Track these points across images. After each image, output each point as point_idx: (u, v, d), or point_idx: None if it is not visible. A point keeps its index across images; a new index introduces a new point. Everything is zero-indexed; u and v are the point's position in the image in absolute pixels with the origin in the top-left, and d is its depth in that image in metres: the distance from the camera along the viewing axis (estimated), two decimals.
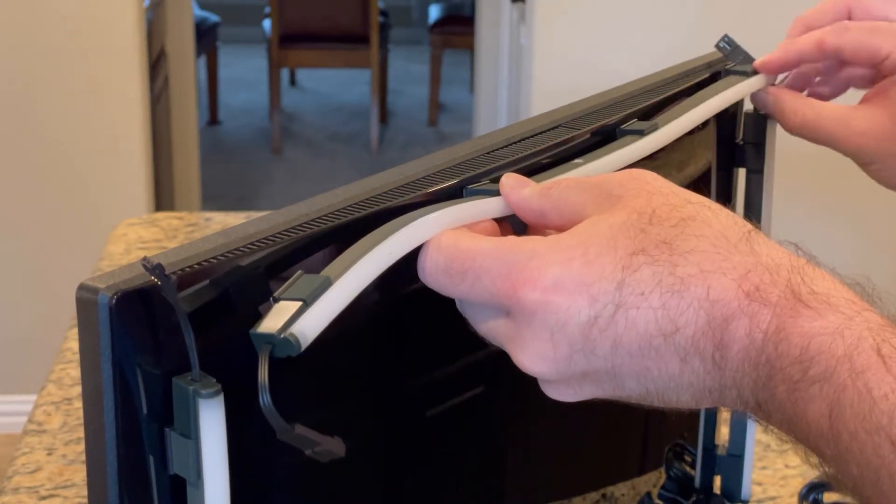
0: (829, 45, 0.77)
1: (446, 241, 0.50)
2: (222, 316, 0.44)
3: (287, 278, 0.46)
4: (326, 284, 0.45)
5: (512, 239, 0.50)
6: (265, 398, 0.42)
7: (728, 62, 0.80)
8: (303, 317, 0.44)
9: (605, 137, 0.63)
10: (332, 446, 0.45)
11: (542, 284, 0.48)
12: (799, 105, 0.77)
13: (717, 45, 0.80)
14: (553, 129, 0.63)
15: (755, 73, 0.79)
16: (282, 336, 0.43)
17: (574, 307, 0.47)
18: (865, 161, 0.77)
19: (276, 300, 0.45)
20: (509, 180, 0.54)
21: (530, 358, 0.49)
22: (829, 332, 0.45)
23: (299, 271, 0.46)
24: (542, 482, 0.69)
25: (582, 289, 0.47)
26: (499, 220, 0.54)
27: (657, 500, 0.82)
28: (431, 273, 0.50)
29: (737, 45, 0.80)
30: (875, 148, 0.76)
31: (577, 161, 0.59)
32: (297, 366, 0.44)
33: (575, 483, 0.72)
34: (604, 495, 0.75)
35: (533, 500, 0.68)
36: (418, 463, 0.59)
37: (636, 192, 0.50)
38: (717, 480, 0.85)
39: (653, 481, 0.81)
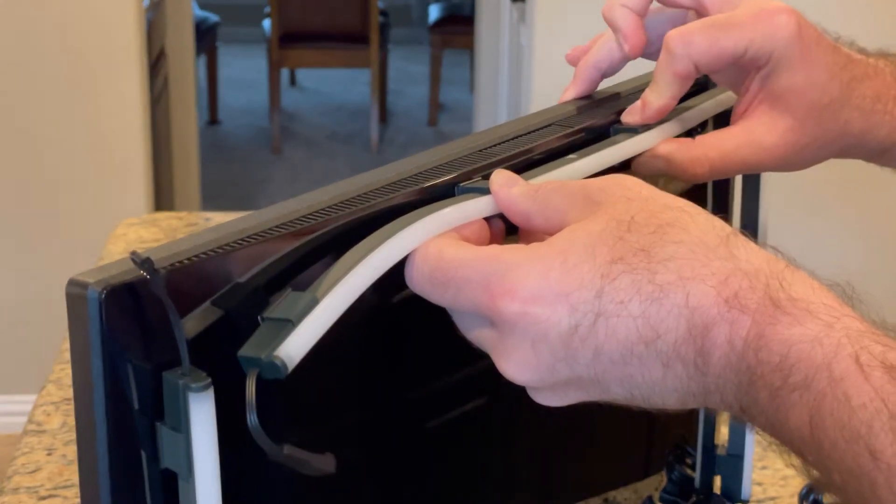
0: (688, 70, 0.63)
1: (431, 251, 0.50)
2: (212, 311, 0.44)
3: (278, 275, 0.47)
4: (313, 303, 0.45)
5: (494, 249, 0.50)
6: (252, 418, 0.42)
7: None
8: (288, 339, 0.44)
9: (598, 135, 0.63)
10: (322, 463, 0.45)
11: (521, 296, 0.48)
12: (696, 151, 0.64)
13: None
14: (547, 126, 0.63)
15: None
16: (267, 360, 0.43)
17: (554, 317, 0.47)
18: (791, 168, 0.67)
19: (264, 319, 0.45)
20: (499, 177, 0.54)
21: (514, 367, 0.49)
22: (809, 339, 0.45)
23: (288, 289, 0.46)
24: (544, 488, 0.69)
25: (561, 298, 0.47)
26: (489, 217, 0.54)
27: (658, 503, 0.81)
28: (418, 282, 0.51)
29: None
30: (795, 153, 0.66)
31: (570, 157, 0.59)
32: (286, 378, 0.44)
33: (577, 488, 0.72)
34: (606, 499, 0.75)
35: None
36: (418, 468, 0.59)
37: (616, 198, 0.50)
38: (718, 481, 0.84)
39: (654, 484, 0.81)
